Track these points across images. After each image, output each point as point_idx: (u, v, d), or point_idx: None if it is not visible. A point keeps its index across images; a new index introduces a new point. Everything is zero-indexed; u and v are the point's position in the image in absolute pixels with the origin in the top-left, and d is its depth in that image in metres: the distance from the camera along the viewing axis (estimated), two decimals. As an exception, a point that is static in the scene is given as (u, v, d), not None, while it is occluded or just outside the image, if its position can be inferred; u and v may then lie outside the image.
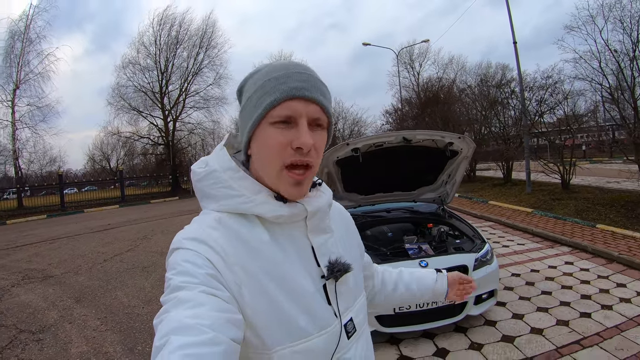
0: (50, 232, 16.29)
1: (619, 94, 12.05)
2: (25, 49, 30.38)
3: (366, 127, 43.88)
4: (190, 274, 0.83)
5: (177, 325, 0.72)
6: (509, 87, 19.22)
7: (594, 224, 8.82)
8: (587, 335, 4.22)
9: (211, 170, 1.01)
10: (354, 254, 1.21)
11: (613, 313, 4.69)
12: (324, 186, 1.16)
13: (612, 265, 6.39)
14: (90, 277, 8.22)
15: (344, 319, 1.04)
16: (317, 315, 0.97)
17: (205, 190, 1.03)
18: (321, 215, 1.06)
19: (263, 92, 0.94)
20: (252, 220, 0.98)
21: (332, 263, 1.03)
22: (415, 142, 5.00)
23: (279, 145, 0.93)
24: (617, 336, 4.16)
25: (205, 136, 40.07)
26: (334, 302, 1.02)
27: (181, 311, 0.74)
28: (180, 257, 0.87)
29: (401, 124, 30.83)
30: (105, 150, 50.55)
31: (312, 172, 0.99)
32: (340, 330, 1.01)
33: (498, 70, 35.07)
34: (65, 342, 5.10)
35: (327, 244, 1.07)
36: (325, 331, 0.97)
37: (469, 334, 4.44)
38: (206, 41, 38.20)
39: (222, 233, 0.93)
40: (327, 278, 1.02)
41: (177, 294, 0.78)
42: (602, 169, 19.55)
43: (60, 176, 29.70)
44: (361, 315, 1.12)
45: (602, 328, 4.35)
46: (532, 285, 5.73)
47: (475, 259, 4.36)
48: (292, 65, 0.98)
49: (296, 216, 1.00)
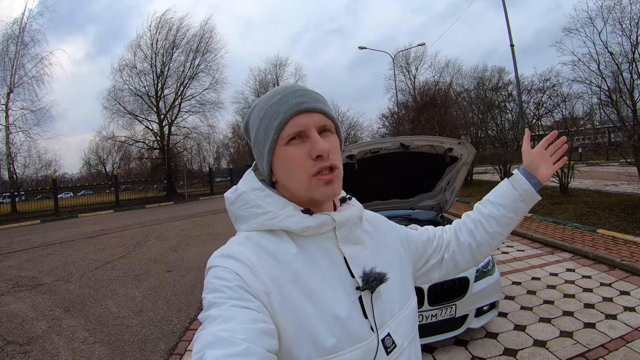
0: (43, 237, 16.14)
1: (618, 97, 12.00)
2: (20, 52, 30.35)
3: (362, 130, 44.05)
4: (220, 289, 0.85)
5: (212, 339, 0.73)
6: (506, 90, 19.26)
7: (595, 229, 8.72)
8: (592, 347, 4.11)
9: (240, 193, 1.06)
10: (395, 262, 1.17)
11: (618, 323, 4.59)
12: (354, 200, 1.18)
13: (615, 272, 6.29)
14: (81, 285, 8.09)
15: (382, 333, 1.00)
16: (351, 329, 0.94)
17: (236, 213, 1.06)
18: (351, 226, 1.06)
19: (269, 118, 1.00)
20: (281, 236, 1.00)
21: (366, 273, 1.01)
22: (413, 148, 4.88)
23: (300, 159, 0.97)
24: (623, 347, 4.05)
25: (200, 140, 40.28)
26: (370, 315, 0.99)
27: (215, 326, 0.76)
28: (211, 275, 0.90)
29: (397, 127, 30.82)
30: (101, 154, 50.75)
31: (340, 172, 1.02)
32: (377, 345, 0.97)
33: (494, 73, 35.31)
34: (52, 355, 5.00)
35: (360, 255, 1.06)
36: (359, 345, 0.93)
37: (470, 347, 4.31)
38: (203, 46, 38.50)
39: (249, 247, 0.95)
40: (362, 289, 0.99)
41: (210, 312, 0.81)
42: (600, 172, 19.52)
43: (55, 181, 29.50)
44: (403, 329, 1.07)
45: (607, 339, 4.24)
46: (534, 294, 5.62)
47: (476, 270, 4.23)
48: (286, 87, 1.04)
49: (323, 227, 1.01)
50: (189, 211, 22.77)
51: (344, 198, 1.17)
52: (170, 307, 6.43)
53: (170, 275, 8.41)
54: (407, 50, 44.90)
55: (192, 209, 24.18)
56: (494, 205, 1.38)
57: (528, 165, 1.41)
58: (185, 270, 8.72)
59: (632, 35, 11.78)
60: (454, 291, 4.07)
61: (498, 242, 1.40)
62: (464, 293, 4.07)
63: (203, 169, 42.61)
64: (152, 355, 4.82)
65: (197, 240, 12.50)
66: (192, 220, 17.98)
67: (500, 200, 1.37)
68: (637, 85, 11.66)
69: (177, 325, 5.65)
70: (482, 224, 1.37)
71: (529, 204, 1.37)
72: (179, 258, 10.05)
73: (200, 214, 20.56)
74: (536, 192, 1.36)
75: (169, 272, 8.63)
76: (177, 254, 10.56)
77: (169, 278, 8.16)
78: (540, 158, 1.41)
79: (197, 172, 42.47)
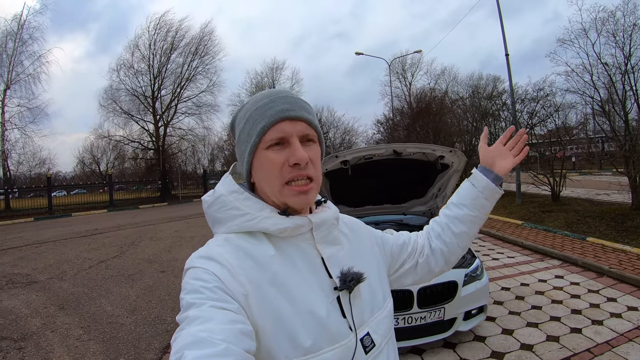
0: (37, 235, 16.11)
1: (610, 107, 12.13)
2: (18, 49, 30.23)
3: (357, 136, 44.02)
4: (199, 290, 0.86)
5: (190, 339, 0.74)
6: (500, 99, 19.35)
7: (584, 237, 8.84)
8: (578, 351, 4.20)
9: (218, 195, 1.07)
10: (371, 263, 1.20)
11: (604, 328, 4.68)
12: (329, 203, 1.21)
13: (603, 279, 6.39)
14: (75, 283, 8.11)
15: (360, 332, 1.01)
16: (329, 328, 0.95)
17: (215, 215, 1.07)
18: (328, 227, 1.08)
19: (253, 121, 1.02)
20: (259, 238, 1.01)
21: (344, 273, 1.03)
22: (406, 155, 4.97)
23: (277, 165, 0.98)
24: (608, 352, 4.15)
25: (196, 142, 40.10)
26: (349, 314, 1.01)
27: (194, 327, 0.77)
28: (190, 276, 0.91)
29: (392, 134, 30.85)
30: (95, 153, 50.46)
31: (316, 184, 1.03)
32: (356, 345, 0.99)
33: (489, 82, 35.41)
34: (46, 351, 5.02)
35: (337, 255, 1.08)
36: (338, 345, 0.95)
37: (458, 349, 4.38)
38: (202, 48, 38.29)
39: (228, 249, 0.96)
40: (340, 289, 1.01)
41: (189, 312, 0.81)
42: (592, 181, 19.67)
43: (49, 179, 29.35)
44: (382, 329, 1.09)
45: (593, 344, 4.33)
46: (522, 299, 5.71)
47: (465, 274, 4.32)
48: (275, 92, 1.05)
49: (300, 228, 1.02)
50: (183, 212, 22.73)
51: (319, 201, 1.18)
52: (164, 306, 6.47)
53: (164, 275, 8.44)
54: (403, 57, 44.95)
55: (186, 210, 24.11)
56: (457, 206, 1.41)
57: (483, 161, 1.46)
58: (179, 270, 8.66)
59: (625, 47, 11.91)
60: (442, 294, 4.14)
61: (467, 242, 1.42)
62: (453, 296, 4.14)
63: (197, 170, 42.40)
64: (146, 353, 4.86)
65: (190, 242, 12.49)
66: (186, 222, 17.97)
67: (462, 201, 1.40)
68: (629, 96, 11.79)
69: (170, 324, 5.68)
70: (448, 226, 1.40)
71: (491, 199, 1.39)
72: (173, 259, 10.06)
73: (194, 215, 20.50)
74: (496, 187, 1.38)
75: (163, 273, 8.66)
76: (171, 255, 10.57)
77: (162, 278, 8.18)
78: (496, 153, 1.45)
79: (191, 173, 42.20)
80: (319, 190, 1.08)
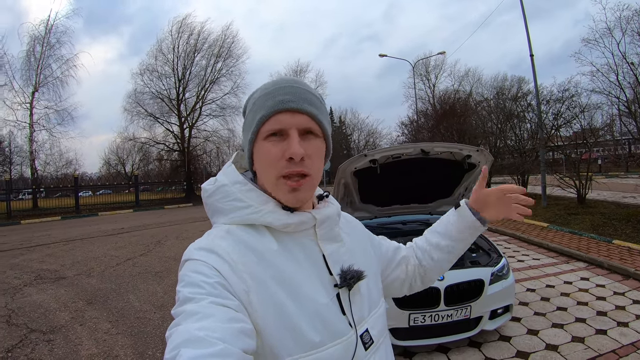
0: (64, 233, 16.44)
1: (637, 108, 11.95)
2: (45, 52, 30.82)
3: (381, 138, 43.96)
4: (198, 284, 0.83)
5: (187, 337, 0.71)
6: (525, 100, 19.17)
7: (610, 240, 8.73)
8: (603, 352, 4.17)
9: (220, 185, 1.05)
10: (369, 262, 1.19)
11: (629, 330, 4.64)
12: (331, 198, 1.19)
13: (628, 281, 6.32)
14: (103, 279, 8.27)
15: (360, 329, 1.02)
16: (331, 325, 0.95)
17: (215, 205, 1.05)
18: (330, 224, 1.08)
19: (255, 110, 0.99)
20: (261, 231, 0.99)
21: (344, 271, 1.02)
22: (433, 154, 4.98)
23: (272, 157, 0.96)
24: (634, 354, 4.11)
25: (220, 144, 40.35)
26: (348, 311, 1.01)
27: (191, 324, 0.74)
28: (188, 269, 0.88)
29: (416, 135, 30.79)
30: (121, 154, 51.34)
31: (310, 180, 1.00)
32: (356, 341, 0.99)
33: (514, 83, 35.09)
34: (75, 344, 5.13)
35: (339, 252, 1.07)
36: (339, 341, 0.95)
37: (483, 349, 4.39)
38: (225, 51, 38.65)
39: (230, 242, 0.94)
40: (340, 286, 1.01)
41: (186, 307, 0.79)
42: (619, 184, 19.38)
43: (76, 179, 29.96)
44: (379, 327, 1.09)
45: (618, 345, 4.29)
46: (548, 300, 5.68)
47: (492, 273, 4.32)
48: (282, 80, 1.02)
49: (304, 224, 1.01)
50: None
51: (321, 195, 1.17)
52: (191, 303, 6.52)
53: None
54: (427, 59, 44.76)
55: (210, 211, 24.21)
56: (440, 235, 1.41)
57: (474, 203, 1.40)
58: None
59: (651, 45, 11.75)
60: (469, 292, 4.16)
61: (446, 268, 1.45)
62: (479, 295, 4.15)
63: (222, 172, 42.67)
64: (174, 347, 4.93)
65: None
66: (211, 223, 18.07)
67: (446, 231, 1.40)
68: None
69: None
70: (428, 252, 1.42)
71: (474, 235, 1.39)
72: (200, 257, 10.11)
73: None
74: (481, 224, 1.37)
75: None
76: (198, 254, 10.64)
77: (189, 276, 8.25)
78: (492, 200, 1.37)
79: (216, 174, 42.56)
80: (316, 186, 1.06)
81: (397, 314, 4.02)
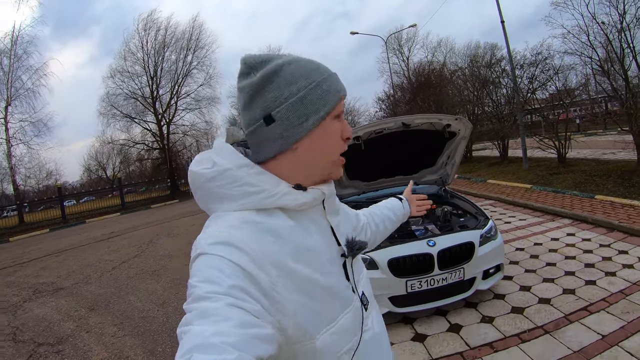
0: (54, 245, 16.29)
1: (609, 66, 12.10)
2: (14, 65, 30.31)
3: (359, 115, 43.89)
4: (216, 282, 0.79)
5: (201, 342, 0.68)
6: (499, 66, 19.27)
7: (593, 195, 8.94)
8: (594, 301, 4.34)
9: (223, 169, 0.95)
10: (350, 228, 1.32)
11: (617, 279, 4.81)
12: None
13: (613, 233, 6.51)
14: (101, 285, 8.28)
15: (359, 292, 1.10)
16: (341, 294, 1.01)
17: (220, 192, 0.96)
18: (334, 198, 1.16)
19: (326, 88, 0.97)
20: (274, 213, 0.97)
21: (350, 241, 1.10)
22: (414, 126, 5.10)
23: (339, 137, 1.03)
24: (623, 300, 4.28)
25: (199, 137, 40.04)
26: (352, 278, 1.08)
27: (205, 326, 0.71)
28: (204, 263, 0.84)
29: (394, 109, 30.81)
30: (101, 159, 50.75)
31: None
32: (361, 304, 1.08)
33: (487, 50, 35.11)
34: (85, 351, 5.16)
35: (342, 224, 1.16)
36: (350, 308, 1.01)
37: (480, 308, 4.55)
38: (194, 42, 38.24)
39: (247, 231, 0.89)
40: (347, 256, 1.08)
41: (201, 305, 0.75)
42: (598, 141, 19.59)
43: (59, 189, 29.55)
44: (368, 288, 1.20)
45: (608, 294, 4.47)
46: (537, 258, 5.86)
47: (480, 235, 4.47)
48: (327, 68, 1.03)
49: (317, 200, 1.03)
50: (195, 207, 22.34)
51: None
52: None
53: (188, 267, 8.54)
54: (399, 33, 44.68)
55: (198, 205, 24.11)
56: (390, 210, 1.76)
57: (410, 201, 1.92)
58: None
59: (619, 5, 11.85)
60: (461, 255, 4.31)
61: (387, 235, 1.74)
62: (471, 257, 4.30)
63: (204, 164, 42.40)
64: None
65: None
66: (202, 215, 17.98)
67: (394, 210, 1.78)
68: (627, 54, 11.75)
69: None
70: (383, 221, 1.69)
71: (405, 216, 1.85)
72: (196, 250, 10.16)
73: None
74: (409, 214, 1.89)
75: (187, 265, 8.74)
76: (193, 247, 10.68)
77: (188, 270, 8.27)
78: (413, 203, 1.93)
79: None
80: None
81: (395, 282, 4.16)
